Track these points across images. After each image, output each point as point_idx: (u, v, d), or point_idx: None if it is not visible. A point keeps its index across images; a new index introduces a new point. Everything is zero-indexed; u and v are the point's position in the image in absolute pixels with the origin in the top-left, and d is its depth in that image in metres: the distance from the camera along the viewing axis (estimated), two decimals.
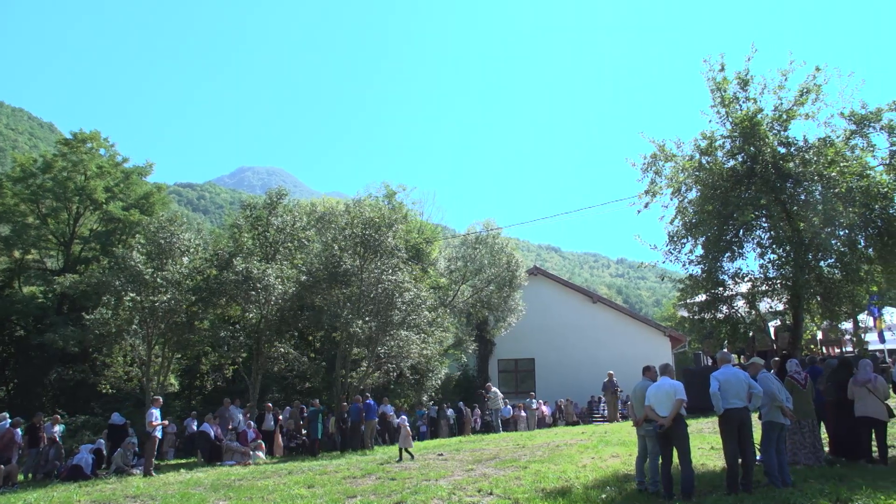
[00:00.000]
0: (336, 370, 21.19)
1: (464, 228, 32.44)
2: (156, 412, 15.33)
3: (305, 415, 19.38)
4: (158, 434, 15.69)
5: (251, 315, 20.94)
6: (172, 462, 19.05)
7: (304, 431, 19.34)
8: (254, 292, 19.84)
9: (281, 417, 20.40)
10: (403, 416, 16.26)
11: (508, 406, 25.18)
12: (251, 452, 17.35)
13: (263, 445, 18.31)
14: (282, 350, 21.55)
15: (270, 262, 20.89)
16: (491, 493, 9.75)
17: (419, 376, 24.44)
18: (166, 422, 17.82)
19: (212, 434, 17.84)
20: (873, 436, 10.56)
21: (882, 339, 21.01)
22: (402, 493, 10.02)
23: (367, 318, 19.75)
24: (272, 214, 21.98)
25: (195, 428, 19.72)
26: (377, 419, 20.58)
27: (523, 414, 25.50)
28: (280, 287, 20.27)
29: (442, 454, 14.81)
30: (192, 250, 20.57)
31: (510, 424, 25.07)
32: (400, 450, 14.71)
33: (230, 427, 18.39)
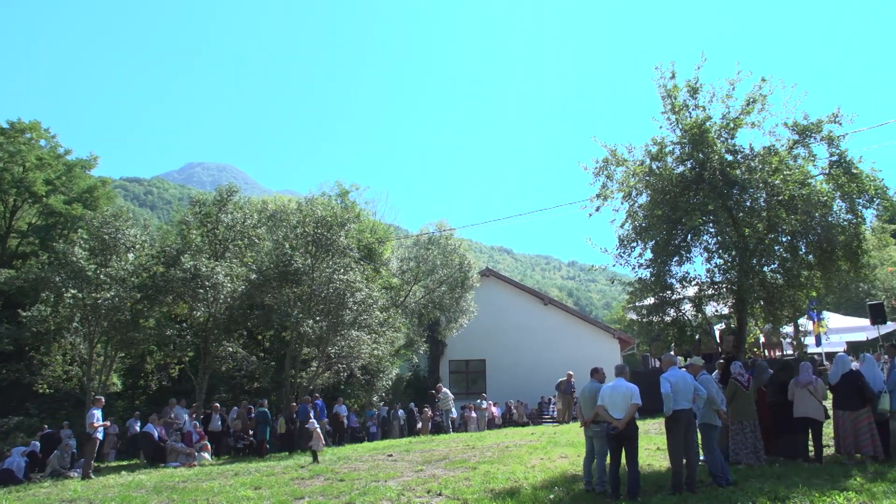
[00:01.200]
0: (286, 370, 20.91)
1: (417, 229, 32.43)
2: (97, 413, 14.87)
3: (253, 415, 19.05)
4: (100, 435, 15.21)
5: (199, 313, 20.49)
6: (113, 464, 18.49)
7: (251, 432, 19.01)
8: (202, 290, 19.42)
9: (228, 418, 20.02)
10: (313, 420, 16.04)
11: (454, 409, 25.16)
12: (196, 454, 16.98)
13: (209, 446, 17.94)
14: (230, 349, 21.15)
15: (220, 260, 20.48)
16: (440, 494, 9.74)
17: (370, 377, 24.30)
18: (108, 423, 17.29)
19: (155, 435, 17.39)
20: (810, 436, 10.93)
21: (819, 343, 21.75)
22: (350, 495, 9.93)
23: (317, 318, 19.55)
24: (222, 211, 21.56)
25: (138, 429, 19.20)
26: (328, 419, 20.41)
27: (473, 415, 25.58)
28: (229, 285, 19.89)
29: (392, 455, 14.74)
30: (137, 246, 20.00)
31: (461, 425, 25.13)
32: (313, 452, 14.55)
33: (175, 428, 17.95)
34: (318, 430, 15.24)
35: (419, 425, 24.78)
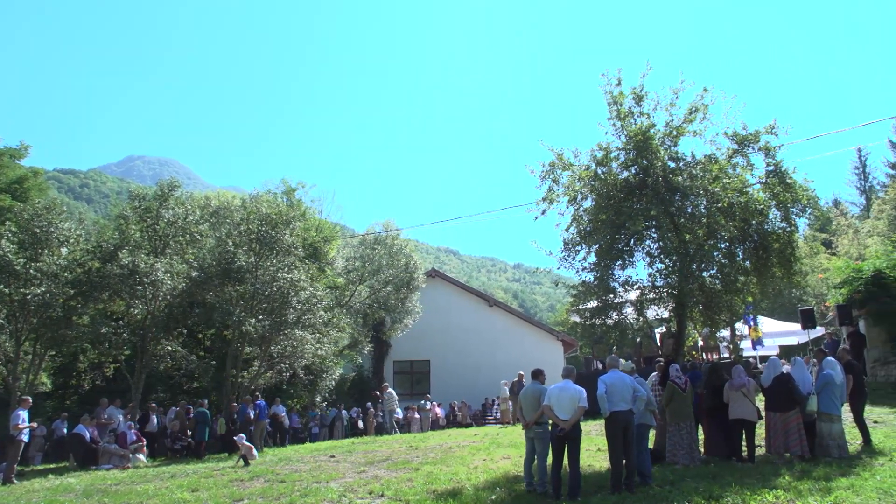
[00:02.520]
0: (226, 369, 20.50)
1: (363, 228, 32.25)
2: (23, 414, 14.22)
3: (192, 415, 18.61)
4: (25, 438, 14.49)
5: (137, 311, 19.88)
6: (40, 467, 17.76)
7: (189, 433, 18.56)
8: (140, 287, 18.86)
9: (166, 418, 19.50)
10: (242, 435, 15.70)
11: (398, 410, 25.06)
12: (131, 455, 16.45)
13: (145, 448, 17.43)
14: (169, 348, 20.58)
15: (159, 256, 19.92)
16: (382, 496, 9.69)
17: (313, 377, 24.04)
18: (34, 424, 16.61)
19: (87, 436, 16.78)
20: (744, 436, 11.30)
21: (755, 346, 22.51)
22: (291, 496, 9.79)
23: (260, 317, 19.24)
24: (163, 206, 20.97)
25: (65, 431, 18.49)
26: (268, 420, 20.09)
27: (417, 416, 25.56)
28: (169, 282, 19.37)
29: (334, 456, 14.60)
30: (72, 241, 19.26)
31: (404, 426, 25.08)
32: (244, 456, 14.35)
33: (108, 429, 17.37)
34: (246, 442, 14.93)
35: (360, 425, 24.65)
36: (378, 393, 25.42)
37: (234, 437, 15.52)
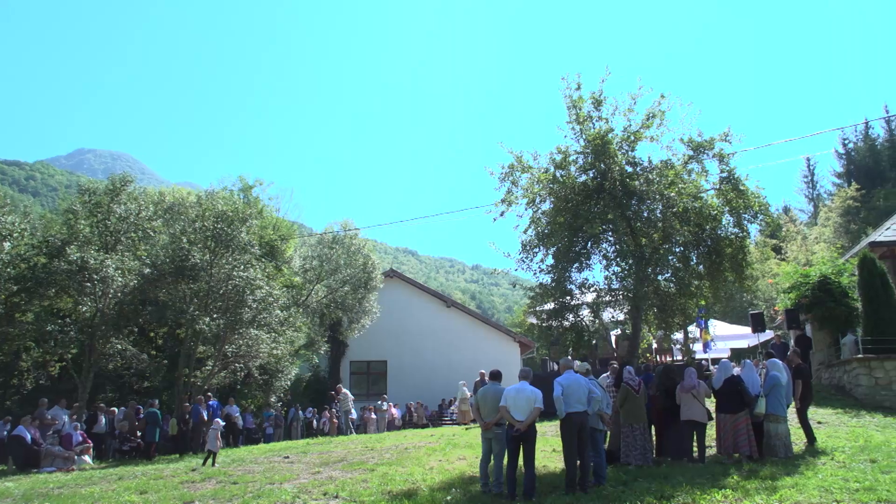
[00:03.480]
0: (179, 369, 20.07)
1: (321, 227, 31.97)
2: None
3: (142, 416, 18.16)
4: None
5: (85, 308, 19.29)
6: None
7: (139, 434, 18.10)
8: (89, 284, 18.32)
9: (115, 419, 18.98)
10: (218, 420, 15.46)
11: (353, 410, 24.88)
12: (76, 457, 15.95)
13: (91, 450, 16.92)
14: (119, 346, 20.04)
15: (110, 253, 19.39)
16: (337, 497, 9.61)
17: (268, 376, 23.71)
18: None
19: (27, 437, 16.19)
20: (695, 437, 11.54)
21: (707, 349, 22.99)
22: (243, 498, 9.63)
23: (215, 315, 18.90)
24: (115, 201, 20.39)
25: (5, 432, 17.83)
26: (222, 420, 19.74)
27: (373, 416, 25.42)
28: (120, 279, 18.87)
29: (288, 457, 14.42)
30: (15, 235, 18.59)
31: (360, 426, 24.92)
32: (212, 454, 14.13)
33: (52, 430, 16.81)
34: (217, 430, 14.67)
35: (314, 425, 24.40)
36: (333, 394, 25.23)
37: (208, 436, 15.27)
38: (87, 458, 16.36)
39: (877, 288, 17.08)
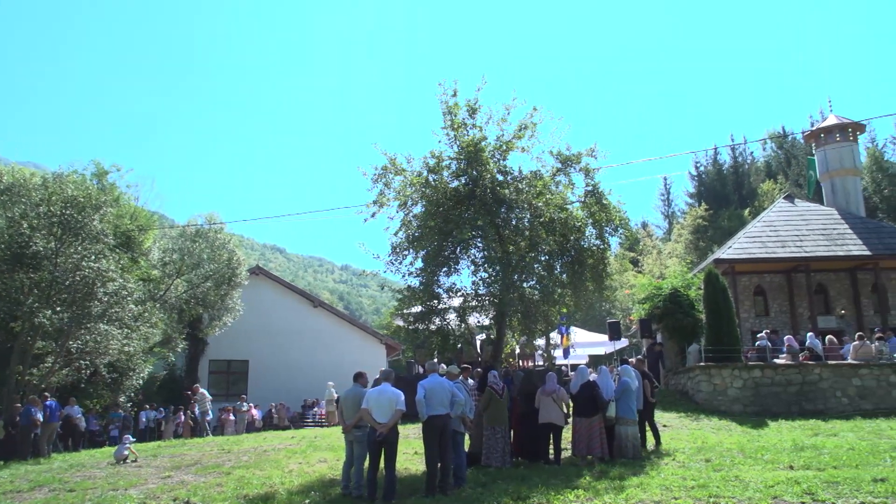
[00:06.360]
0: (11, 366, 18.28)
1: (185, 219, 30.40)
2: None
3: None
4: None
5: None
6: None
7: None
8: None
9: None
10: (128, 436, 14.38)
11: (210, 411, 23.83)
12: None
13: None
14: None
15: None
16: (188, 502, 9.14)
17: (117, 375, 22.17)
18: None
19: None
20: (551, 440, 11.98)
21: (566, 355, 23.95)
22: None
23: (58, 309, 17.40)
24: None
25: None
26: (59, 422, 18.24)
27: (232, 417, 24.44)
28: None
29: (136, 460, 13.54)
30: None
31: (217, 428, 23.88)
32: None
33: None
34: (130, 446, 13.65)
35: (164, 426, 23.14)
36: (189, 393, 24.05)
37: (123, 439, 14.11)
38: None
39: (719, 301, 18.55)
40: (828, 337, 20.25)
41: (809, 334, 19.91)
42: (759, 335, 19.66)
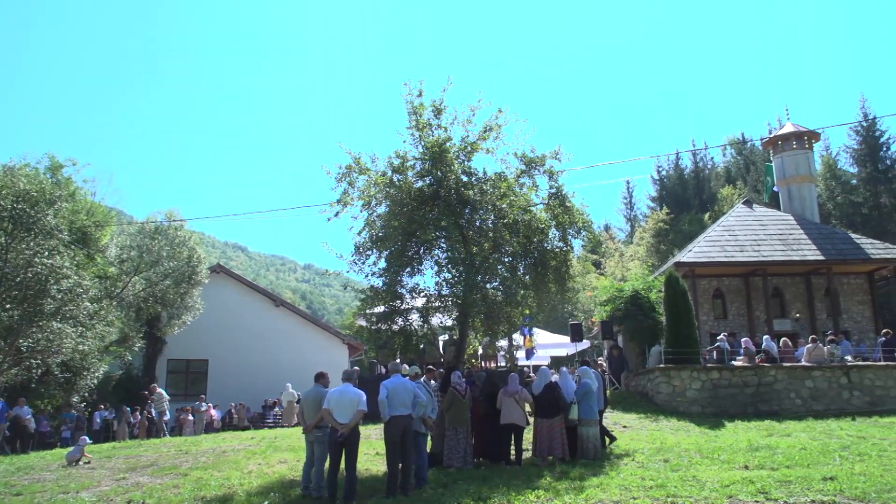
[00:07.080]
0: None
1: (144, 216, 29.78)
2: None
3: None
4: None
5: None
6: None
7: None
8: None
9: None
10: (84, 438, 14.00)
11: (168, 411, 23.38)
12: None
13: None
14: None
15: None
16: None
17: (71, 374, 21.59)
18: None
19: None
20: (513, 440, 12.02)
21: (529, 356, 24.10)
22: None
23: (8, 306, 16.90)
24: None
25: None
26: (7, 423, 17.73)
27: (190, 418, 24.01)
28: None
29: (89, 462, 13.21)
30: None
31: (174, 428, 23.44)
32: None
33: None
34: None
35: (116, 427, 22.63)
36: (146, 393, 23.56)
37: (79, 441, 13.71)
38: None
39: (679, 304, 18.83)
40: (783, 339, 20.71)
41: (766, 337, 20.37)
42: (717, 337, 20.04)
